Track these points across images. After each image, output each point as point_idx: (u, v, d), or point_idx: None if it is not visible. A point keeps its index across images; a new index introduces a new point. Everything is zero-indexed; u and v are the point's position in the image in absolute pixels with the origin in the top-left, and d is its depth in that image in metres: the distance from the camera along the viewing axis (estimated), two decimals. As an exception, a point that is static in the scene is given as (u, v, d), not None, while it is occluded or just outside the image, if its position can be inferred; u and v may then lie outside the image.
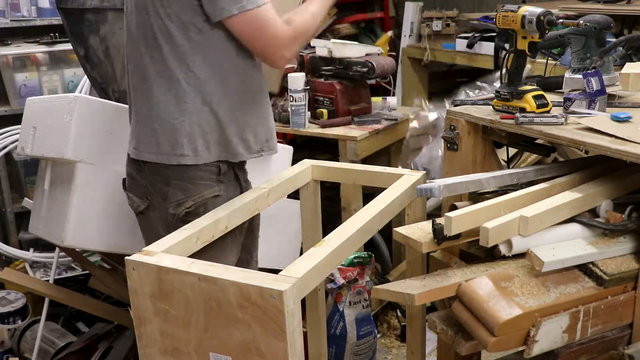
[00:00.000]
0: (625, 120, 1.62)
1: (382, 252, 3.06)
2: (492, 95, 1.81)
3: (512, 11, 1.68)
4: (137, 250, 1.53)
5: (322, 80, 2.90)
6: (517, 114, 1.69)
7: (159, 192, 1.78)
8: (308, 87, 2.80)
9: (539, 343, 1.45)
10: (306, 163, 2.09)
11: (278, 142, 1.93)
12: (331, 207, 2.68)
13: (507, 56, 1.76)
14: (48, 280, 2.78)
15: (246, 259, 1.96)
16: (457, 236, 1.60)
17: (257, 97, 1.83)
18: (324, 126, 2.83)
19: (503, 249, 1.54)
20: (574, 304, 1.49)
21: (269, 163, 2.55)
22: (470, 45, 3.30)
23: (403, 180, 1.87)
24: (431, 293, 1.55)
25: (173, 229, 1.65)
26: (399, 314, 2.99)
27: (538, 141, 1.86)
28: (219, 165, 1.78)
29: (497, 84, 2.08)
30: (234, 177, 1.84)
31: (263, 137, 1.85)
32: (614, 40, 1.98)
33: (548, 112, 1.71)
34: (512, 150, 2.24)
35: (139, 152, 1.79)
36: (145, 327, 1.50)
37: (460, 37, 3.39)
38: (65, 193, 2.38)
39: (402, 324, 2.91)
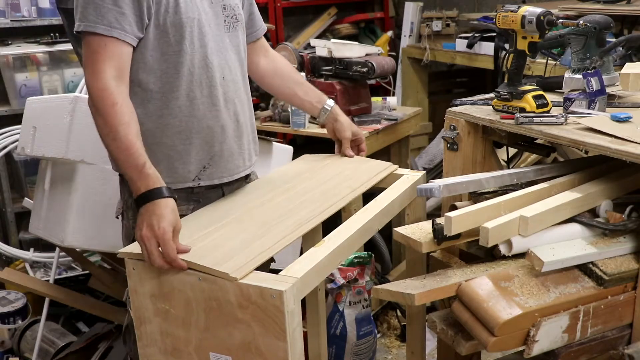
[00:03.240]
0: (625, 120, 1.62)
1: (382, 252, 3.06)
2: (492, 95, 1.81)
3: (512, 11, 1.68)
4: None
5: (322, 80, 2.89)
6: (517, 114, 1.69)
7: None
8: (308, 87, 2.80)
9: (539, 343, 1.45)
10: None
11: (278, 142, 1.92)
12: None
13: (507, 56, 1.76)
14: (48, 280, 2.78)
15: None
16: (457, 236, 1.60)
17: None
18: (324, 126, 2.82)
19: (503, 249, 1.54)
20: (574, 304, 1.49)
21: (269, 163, 2.55)
22: (470, 46, 3.30)
23: (403, 180, 1.86)
24: (431, 293, 1.55)
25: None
26: (399, 314, 2.99)
27: (538, 141, 1.86)
28: None
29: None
30: None
31: None
32: (614, 40, 1.98)
33: (548, 112, 1.71)
34: (512, 150, 2.24)
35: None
36: (145, 327, 1.50)
37: (460, 37, 3.39)
38: (65, 193, 2.38)
39: (402, 324, 2.91)
